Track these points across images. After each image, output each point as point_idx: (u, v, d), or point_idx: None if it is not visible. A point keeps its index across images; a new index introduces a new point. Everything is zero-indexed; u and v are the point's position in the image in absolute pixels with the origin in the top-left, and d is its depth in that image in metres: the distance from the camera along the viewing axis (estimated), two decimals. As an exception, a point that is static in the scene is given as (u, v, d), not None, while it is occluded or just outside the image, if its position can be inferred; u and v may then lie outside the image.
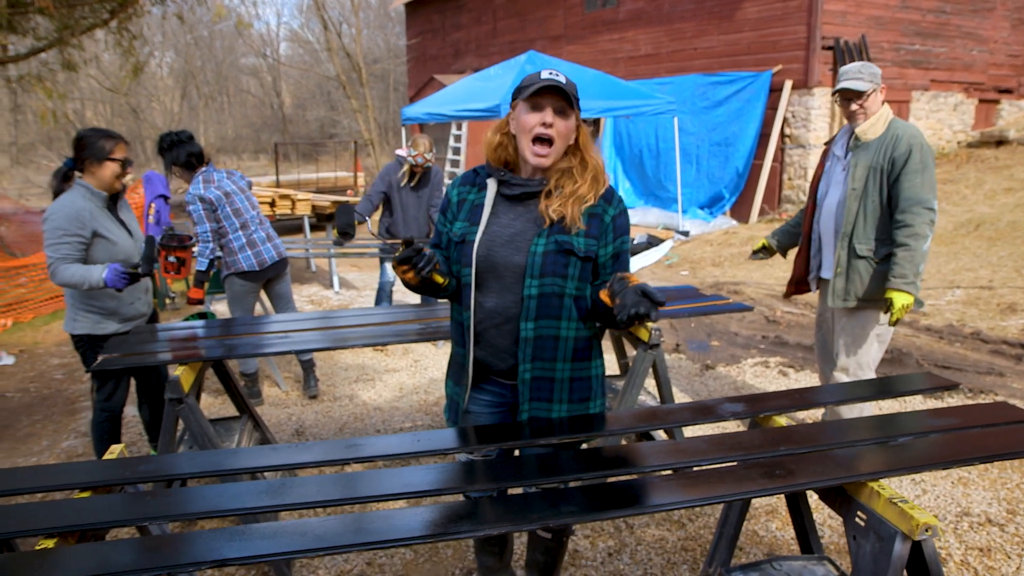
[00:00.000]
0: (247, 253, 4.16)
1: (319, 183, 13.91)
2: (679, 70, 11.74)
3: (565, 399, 2.00)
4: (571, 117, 1.89)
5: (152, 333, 3.13)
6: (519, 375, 1.97)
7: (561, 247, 1.89)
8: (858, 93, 3.16)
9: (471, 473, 1.79)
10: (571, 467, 1.78)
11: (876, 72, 3.18)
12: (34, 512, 1.63)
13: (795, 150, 10.41)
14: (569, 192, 1.90)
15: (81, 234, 2.99)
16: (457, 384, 2.09)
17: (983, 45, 11.65)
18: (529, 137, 1.86)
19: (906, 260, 3.02)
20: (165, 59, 29.96)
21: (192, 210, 4.01)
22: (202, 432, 2.64)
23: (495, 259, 1.91)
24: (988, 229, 8.27)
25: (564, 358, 1.96)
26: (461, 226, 1.98)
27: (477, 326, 1.97)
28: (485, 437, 1.95)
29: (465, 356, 2.02)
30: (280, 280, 4.42)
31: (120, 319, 3.21)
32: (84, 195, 3.06)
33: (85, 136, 3.07)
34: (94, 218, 3.04)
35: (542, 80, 1.84)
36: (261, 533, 1.49)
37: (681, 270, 8.60)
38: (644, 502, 1.60)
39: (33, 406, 4.77)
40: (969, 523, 3.04)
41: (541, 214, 1.91)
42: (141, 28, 11.46)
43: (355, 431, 4.21)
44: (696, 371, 5.08)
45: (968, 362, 4.96)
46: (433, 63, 18.66)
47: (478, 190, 2.00)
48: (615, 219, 1.97)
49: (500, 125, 1.99)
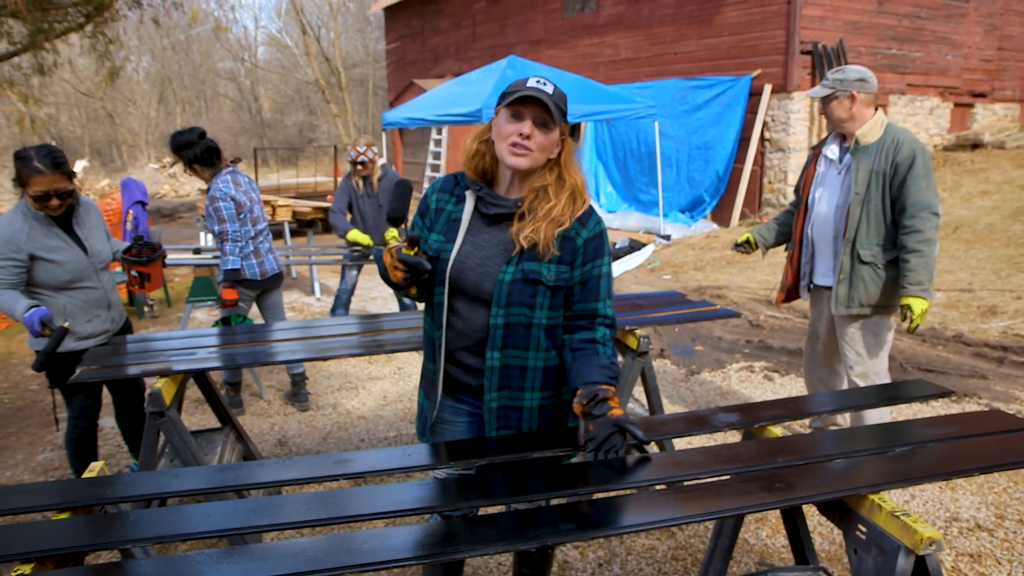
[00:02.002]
0: (252, 261, 4.15)
1: (299, 188, 13.77)
2: (659, 74, 11.78)
3: (536, 427, 1.95)
4: (553, 131, 1.80)
5: (119, 347, 3.05)
6: (484, 403, 1.91)
7: (528, 276, 1.81)
8: (821, 99, 3.17)
9: (464, 489, 1.74)
10: (564, 483, 1.74)
11: (844, 78, 3.11)
12: (9, 535, 1.57)
13: (775, 154, 10.48)
14: (543, 214, 1.80)
15: (16, 258, 2.84)
16: (427, 398, 2.03)
17: (957, 50, 11.81)
18: (505, 143, 1.79)
19: (920, 266, 3.01)
20: (141, 63, 29.60)
21: (223, 207, 3.95)
22: (184, 446, 2.58)
23: (464, 283, 1.85)
24: (966, 232, 8.37)
25: (532, 388, 1.90)
26: (437, 240, 1.89)
27: (448, 344, 1.91)
28: (475, 452, 1.91)
29: (436, 372, 1.96)
30: (275, 291, 4.42)
31: (76, 338, 3.05)
32: (25, 214, 2.89)
33: (17, 156, 2.86)
34: (32, 240, 2.87)
35: (525, 89, 1.75)
36: (251, 555, 1.44)
37: (663, 274, 8.62)
38: (642, 518, 1.57)
39: (7, 418, 4.65)
40: (959, 528, 3.04)
41: (512, 239, 1.82)
42: (117, 32, 11.28)
43: (339, 440, 4.15)
44: (681, 377, 5.07)
45: (951, 365, 4.99)
46: (413, 67, 18.59)
47: (456, 202, 1.92)
48: (587, 242, 1.86)
49: (480, 132, 1.90)
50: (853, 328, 3.27)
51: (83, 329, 3.08)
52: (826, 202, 3.30)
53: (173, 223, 14.60)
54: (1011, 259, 7.33)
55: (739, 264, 8.54)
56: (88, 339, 3.10)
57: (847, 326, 3.28)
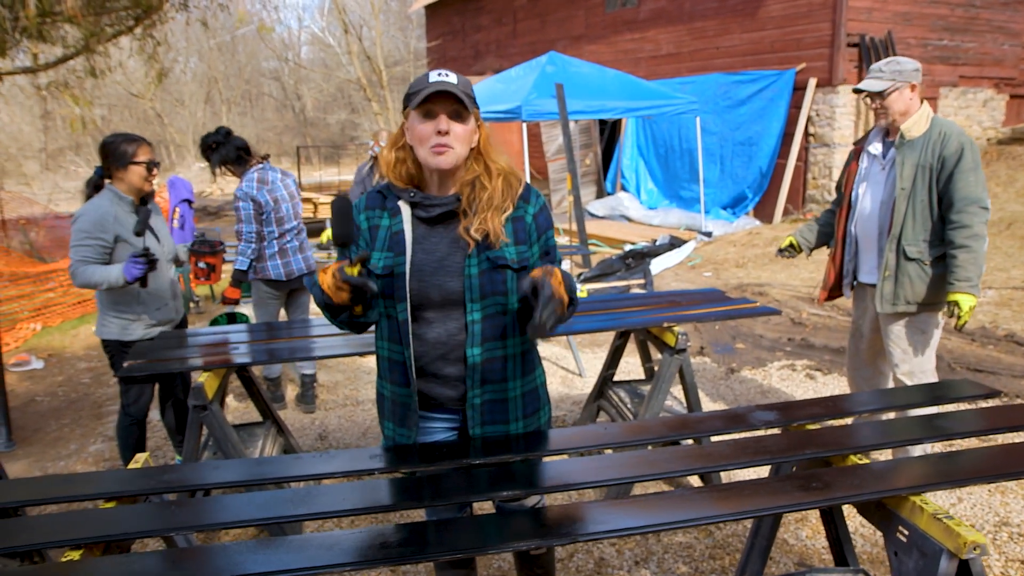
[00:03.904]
0: (276, 262, 4.14)
1: (340, 186, 13.98)
2: (701, 69, 11.62)
3: (520, 416, 1.94)
4: (468, 119, 1.76)
5: (178, 339, 3.14)
6: (468, 400, 1.87)
7: (495, 263, 1.79)
8: (875, 93, 3.07)
9: (501, 480, 1.75)
10: (604, 474, 1.74)
11: (903, 69, 3.03)
12: (60, 523, 1.63)
13: (819, 149, 10.26)
14: (484, 205, 1.78)
15: (103, 238, 3.02)
16: (401, 426, 1.93)
17: (1014, 39, 11.40)
18: (426, 147, 1.74)
19: (969, 262, 2.92)
20: (189, 64, 30.31)
21: (242, 207, 3.99)
22: (226, 439, 2.64)
23: (428, 289, 1.79)
24: (1021, 228, 8.09)
25: (514, 376, 1.89)
26: (386, 256, 1.81)
27: (419, 361, 1.85)
28: (503, 447, 1.91)
29: (409, 396, 1.88)
30: (303, 291, 4.41)
31: (147, 324, 3.23)
32: (111, 200, 3.09)
33: (108, 142, 3.11)
34: (118, 223, 3.07)
35: (430, 84, 1.70)
36: (287, 546, 1.47)
37: (704, 271, 8.51)
38: (679, 516, 1.56)
39: (61, 410, 4.82)
40: (1008, 533, 2.95)
41: (462, 236, 1.79)
42: (165, 34, 11.58)
43: (379, 435, 4.20)
44: (721, 375, 5.01)
45: (1002, 365, 4.83)
46: (453, 65, 18.66)
47: (390, 215, 1.84)
48: (536, 217, 1.86)
49: (395, 139, 1.84)
50: (899, 326, 3.19)
51: (155, 316, 3.25)
52: (870, 198, 3.22)
53: (219, 221, 14.92)
54: (1069, 256, 7.07)
55: (782, 262, 8.38)
56: (158, 326, 3.27)
57: (892, 324, 3.20)
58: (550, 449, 1.89)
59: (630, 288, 6.89)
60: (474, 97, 1.78)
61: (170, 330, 3.32)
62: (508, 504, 2.02)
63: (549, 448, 1.90)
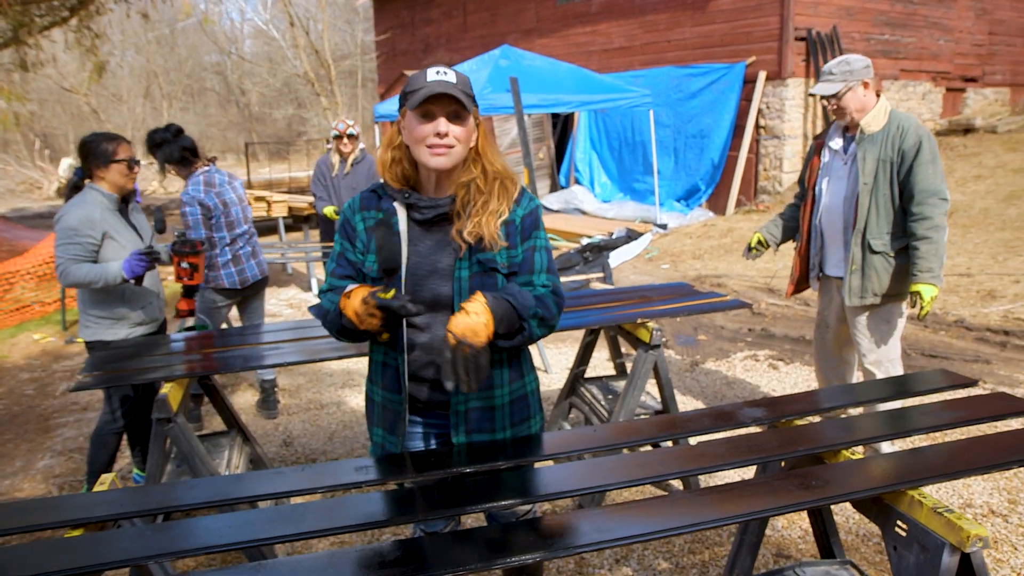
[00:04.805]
0: (231, 270, 3.95)
1: (291, 182, 13.66)
2: (653, 62, 11.71)
3: (508, 424, 1.88)
4: (468, 120, 1.72)
5: (136, 348, 2.99)
6: (452, 407, 1.83)
7: (485, 267, 1.76)
8: (829, 96, 3.11)
9: (488, 491, 1.70)
10: (597, 479, 1.70)
11: (853, 68, 3.07)
12: (21, 555, 1.51)
13: (770, 141, 10.45)
14: (480, 208, 1.74)
15: (91, 235, 3.01)
16: (391, 433, 1.88)
17: (949, 35, 11.80)
18: (424, 148, 1.70)
19: (931, 253, 2.98)
20: (126, 58, 29.22)
21: (189, 212, 3.77)
22: (193, 453, 2.52)
23: (423, 293, 1.76)
24: (962, 216, 8.37)
25: (502, 383, 1.85)
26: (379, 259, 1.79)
27: (411, 365, 1.81)
28: (489, 454, 1.86)
29: (400, 403, 1.84)
30: (257, 296, 4.22)
31: (131, 324, 3.21)
32: (96, 198, 3.08)
33: (88, 142, 3.10)
34: (104, 220, 3.06)
35: (428, 85, 1.66)
36: (278, 570, 1.39)
37: (662, 263, 8.58)
38: (678, 521, 1.53)
39: (3, 424, 4.57)
40: (973, 515, 3.03)
41: (454, 239, 1.75)
42: (103, 27, 11.11)
43: (345, 440, 4.10)
44: (686, 367, 5.05)
45: (954, 350, 4.99)
46: (403, 59, 18.42)
47: (385, 216, 1.81)
48: (524, 219, 1.81)
49: (391, 139, 1.80)
50: (865, 317, 3.25)
51: (138, 316, 3.23)
52: (833, 193, 3.27)
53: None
54: (1007, 243, 7.34)
55: (737, 252, 8.51)
56: (141, 325, 3.25)
57: (859, 315, 3.26)
58: (540, 455, 1.84)
59: (589, 282, 6.89)
60: (473, 96, 1.72)
61: (156, 328, 3.31)
62: (500, 512, 1.97)
63: (539, 453, 1.85)
